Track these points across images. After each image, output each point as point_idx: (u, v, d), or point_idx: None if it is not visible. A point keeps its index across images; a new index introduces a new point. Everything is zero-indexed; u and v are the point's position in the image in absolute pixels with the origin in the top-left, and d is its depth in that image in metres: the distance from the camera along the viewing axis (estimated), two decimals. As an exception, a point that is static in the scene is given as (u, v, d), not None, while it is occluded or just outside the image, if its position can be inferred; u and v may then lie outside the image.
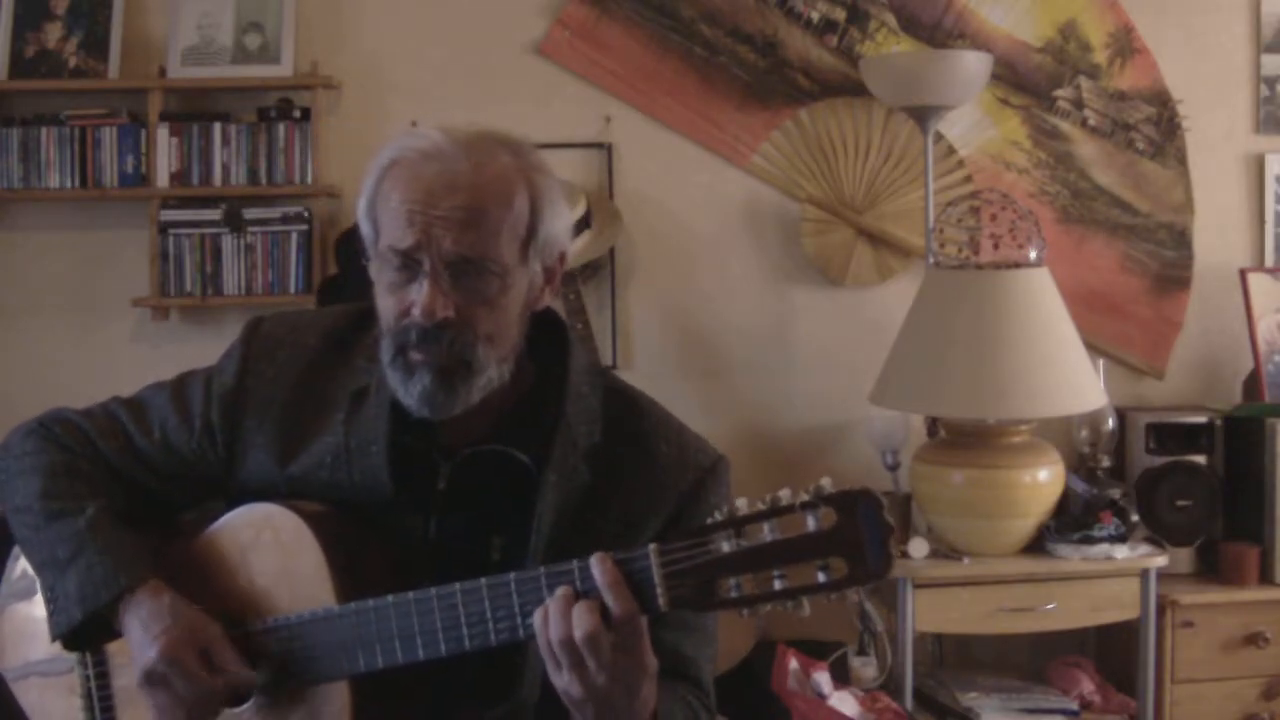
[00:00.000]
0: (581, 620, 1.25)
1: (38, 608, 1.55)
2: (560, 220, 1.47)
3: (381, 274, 1.43)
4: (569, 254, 1.51)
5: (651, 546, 1.26)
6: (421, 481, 1.49)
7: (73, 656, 1.57)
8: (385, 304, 1.43)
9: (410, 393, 1.42)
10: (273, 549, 1.46)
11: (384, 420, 1.47)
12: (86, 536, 1.47)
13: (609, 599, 1.26)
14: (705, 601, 1.25)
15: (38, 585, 1.53)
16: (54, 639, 1.48)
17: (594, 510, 1.45)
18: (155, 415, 1.57)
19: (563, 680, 1.28)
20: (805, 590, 1.22)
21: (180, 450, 1.55)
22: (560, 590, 1.28)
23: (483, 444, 1.48)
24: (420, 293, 1.38)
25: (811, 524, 1.22)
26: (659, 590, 1.25)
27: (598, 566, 1.26)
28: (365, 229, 1.46)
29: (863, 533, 1.21)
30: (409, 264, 1.40)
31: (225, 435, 1.54)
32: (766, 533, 1.23)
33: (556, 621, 1.26)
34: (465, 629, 1.33)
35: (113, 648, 1.55)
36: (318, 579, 1.42)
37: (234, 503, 1.53)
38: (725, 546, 1.23)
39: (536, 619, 1.28)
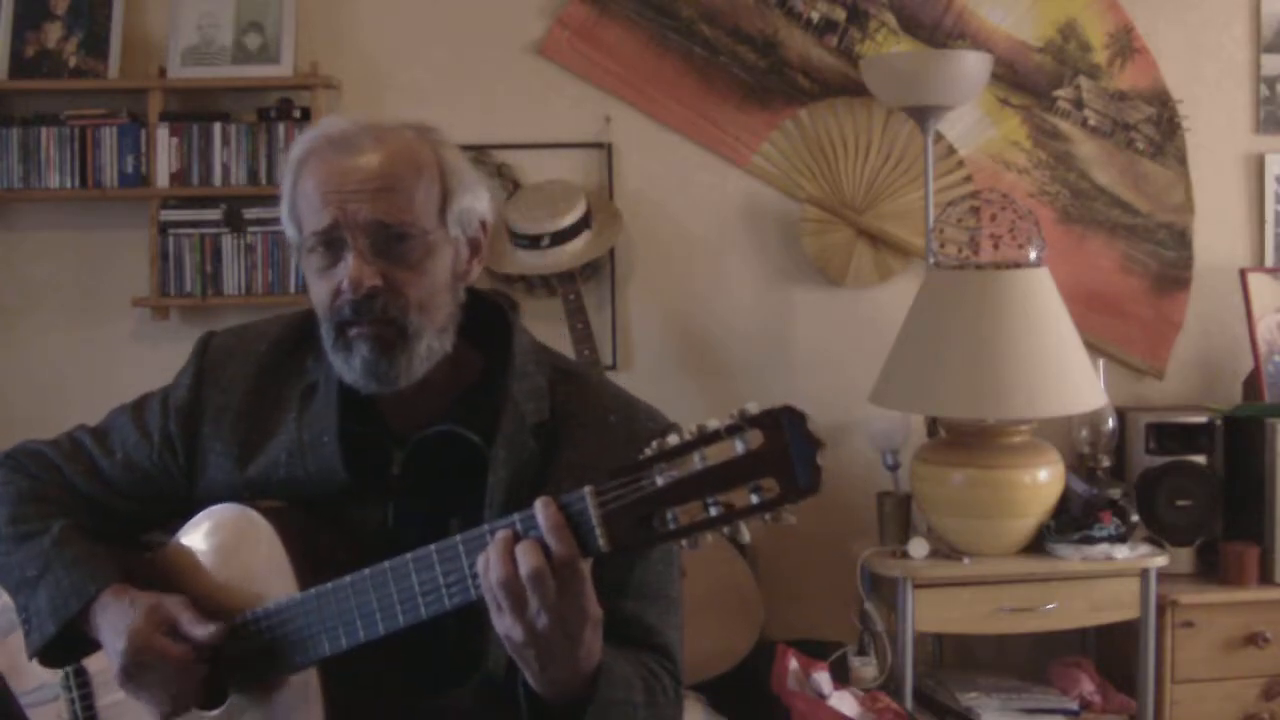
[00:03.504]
0: (526, 558, 1.26)
1: (18, 641, 1.57)
2: (473, 191, 1.51)
3: (310, 263, 1.47)
4: (490, 222, 1.54)
5: (587, 488, 1.26)
6: (376, 469, 1.51)
7: (58, 682, 1.59)
8: (318, 290, 1.47)
9: (352, 367, 1.45)
10: (236, 547, 1.49)
11: (333, 410, 1.51)
12: (53, 553, 1.50)
13: (551, 541, 1.26)
14: (644, 537, 1.25)
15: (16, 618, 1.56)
16: (31, 656, 1.50)
17: (546, 484, 1.45)
18: (116, 436, 1.61)
19: (504, 624, 1.29)
20: (740, 514, 1.22)
21: (142, 466, 1.58)
22: (500, 533, 1.29)
23: (433, 427, 1.50)
24: (346, 268, 1.42)
25: (740, 447, 1.21)
26: (598, 531, 1.25)
27: (542, 510, 1.27)
28: (290, 231, 1.50)
29: (790, 450, 1.20)
30: (332, 243, 1.44)
31: (184, 445, 1.57)
32: (697, 461, 1.22)
33: (497, 562, 1.27)
34: (420, 597, 1.35)
35: (94, 668, 1.57)
36: (280, 572, 1.44)
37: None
38: (659, 480, 1.23)
39: (479, 564, 1.29)
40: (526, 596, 1.26)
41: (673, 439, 1.24)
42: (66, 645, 1.50)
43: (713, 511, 1.22)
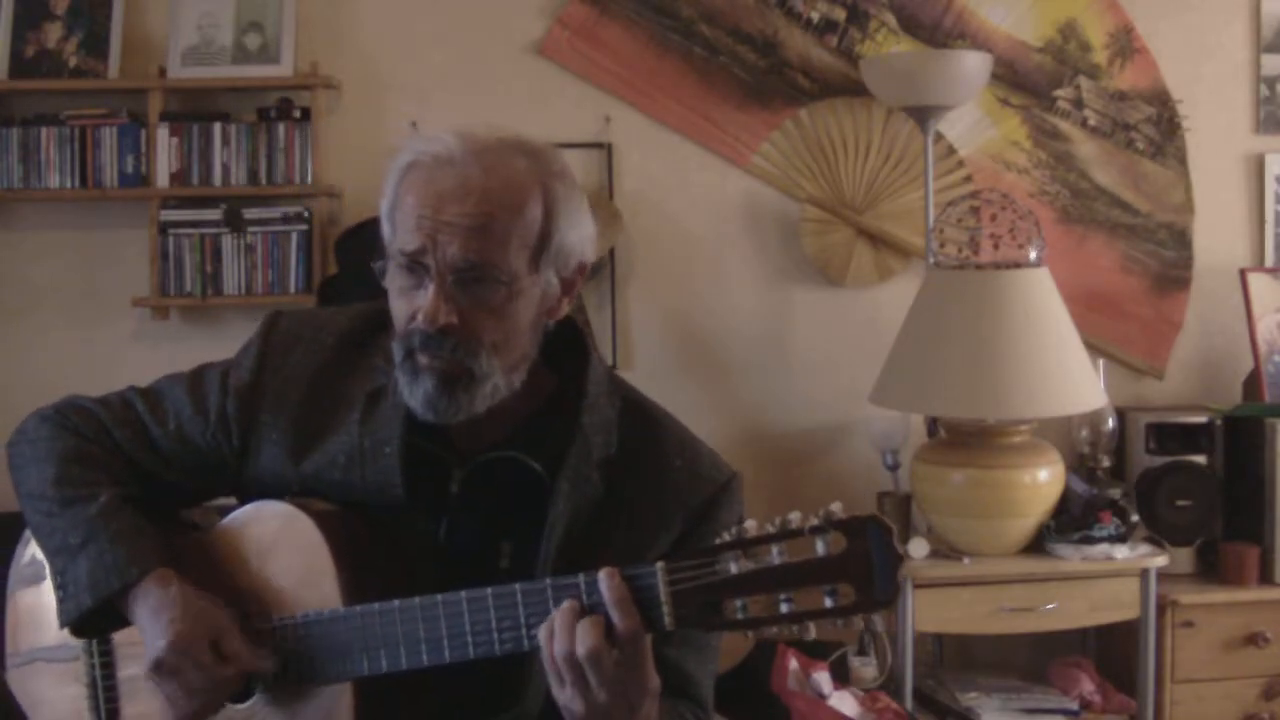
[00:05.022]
0: (585, 636, 1.25)
1: (45, 594, 1.55)
2: (579, 229, 1.45)
3: (393, 276, 1.44)
4: (589, 264, 1.50)
5: (659, 564, 1.25)
6: (434, 485, 1.48)
7: (79, 645, 1.57)
8: (396, 307, 1.44)
9: (414, 396, 1.42)
10: (281, 548, 1.46)
11: (399, 422, 1.47)
12: (98, 524, 1.47)
13: (615, 615, 1.25)
14: (711, 621, 1.24)
15: (46, 571, 1.53)
16: (63, 626, 1.48)
17: (605, 522, 1.45)
18: (171, 406, 1.57)
19: (565, 695, 1.28)
20: (812, 615, 1.22)
21: (194, 442, 1.55)
22: (566, 604, 1.28)
23: (497, 450, 1.48)
24: (425, 298, 1.39)
25: (821, 548, 1.21)
26: (665, 609, 1.25)
27: (606, 581, 1.26)
28: (385, 230, 1.46)
29: (872, 559, 1.20)
30: (416, 268, 1.40)
31: (240, 429, 1.54)
32: (775, 555, 1.22)
33: (561, 636, 1.26)
34: (470, 637, 1.33)
35: (119, 637, 1.55)
36: (324, 579, 1.42)
37: (246, 498, 1.54)
38: (733, 567, 1.22)
39: (542, 633, 1.28)
40: (587, 673, 1.26)
41: (751, 525, 1.23)
42: (98, 619, 1.48)
43: (784, 608, 1.22)
